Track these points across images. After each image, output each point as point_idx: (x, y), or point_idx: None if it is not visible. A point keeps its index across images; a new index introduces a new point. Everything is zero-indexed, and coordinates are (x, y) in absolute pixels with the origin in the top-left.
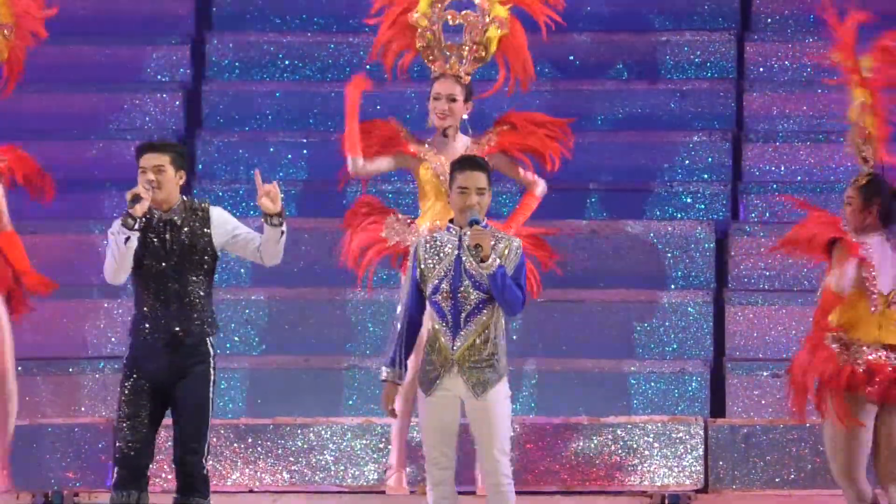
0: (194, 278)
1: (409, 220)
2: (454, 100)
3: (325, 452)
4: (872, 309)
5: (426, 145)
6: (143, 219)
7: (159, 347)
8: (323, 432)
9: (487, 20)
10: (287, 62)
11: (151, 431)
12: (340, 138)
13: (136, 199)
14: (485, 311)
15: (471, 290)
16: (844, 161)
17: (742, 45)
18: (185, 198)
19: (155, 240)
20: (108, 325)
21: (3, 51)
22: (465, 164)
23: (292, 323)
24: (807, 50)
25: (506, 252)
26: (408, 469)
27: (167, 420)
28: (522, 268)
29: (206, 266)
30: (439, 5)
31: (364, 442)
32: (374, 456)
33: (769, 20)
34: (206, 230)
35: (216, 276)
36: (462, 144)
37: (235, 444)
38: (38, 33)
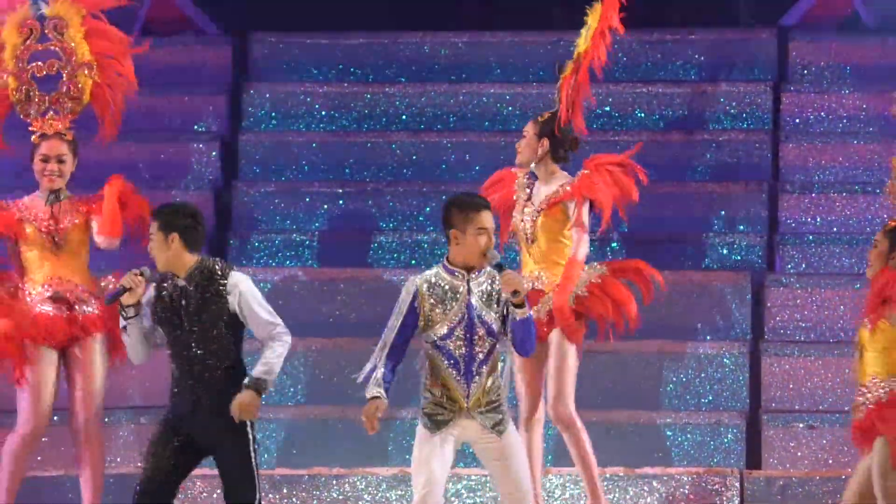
0: (215, 346)
1: None
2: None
3: (360, 503)
4: None
5: None
6: (139, 306)
7: (185, 412)
8: (358, 483)
9: None
10: (323, 112)
11: (172, 484)
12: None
13: (122, 290)
14: (492, 356)
15: (486, 338)
16: (881, 212)
17: (778, 96)
18: (207, 260)
19: (169, 308)
20: (144, 375)
21: (86, 91)
22: (480, 203)
23: (328, 373)
24: (843, 101)
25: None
26: None
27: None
28: None
29: (227, 330)
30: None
31: (399, 493)
32: None
33: (805, 72)
34: (221, 299)
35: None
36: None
37: (271, 495)
38: (126, 75)
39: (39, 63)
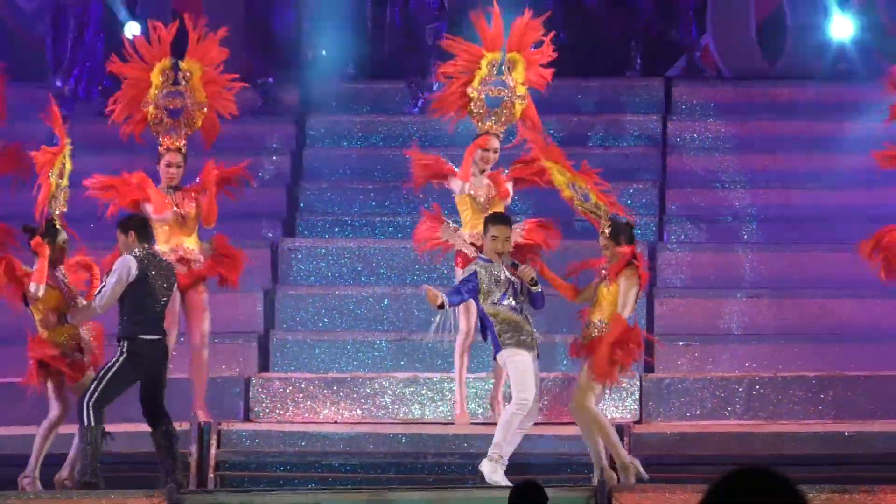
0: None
1: (455, 228)
2: (496, 151)
3: (385, 396)
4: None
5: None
6: None
7: None
8: (384, 383)
9: (514, 96)
10: (360, 134)
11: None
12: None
13: None
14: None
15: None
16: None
17: (666, 123)
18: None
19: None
20: (240, 310)
21: (198, 121)
22: (499, 218)
23: (363, 309)
24: (708, 127)
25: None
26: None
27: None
28: None
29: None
30: (487, 83)
31: (411, 389)
32: (419, 399)
33: (684, 106)
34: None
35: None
36: (485, 177)
37: (325, 391)
38: (229, 111)
39: (170, 98)
